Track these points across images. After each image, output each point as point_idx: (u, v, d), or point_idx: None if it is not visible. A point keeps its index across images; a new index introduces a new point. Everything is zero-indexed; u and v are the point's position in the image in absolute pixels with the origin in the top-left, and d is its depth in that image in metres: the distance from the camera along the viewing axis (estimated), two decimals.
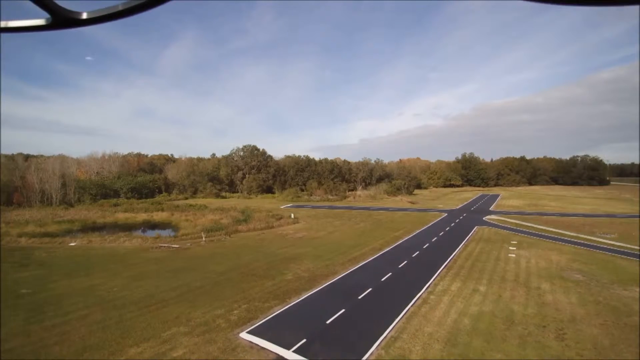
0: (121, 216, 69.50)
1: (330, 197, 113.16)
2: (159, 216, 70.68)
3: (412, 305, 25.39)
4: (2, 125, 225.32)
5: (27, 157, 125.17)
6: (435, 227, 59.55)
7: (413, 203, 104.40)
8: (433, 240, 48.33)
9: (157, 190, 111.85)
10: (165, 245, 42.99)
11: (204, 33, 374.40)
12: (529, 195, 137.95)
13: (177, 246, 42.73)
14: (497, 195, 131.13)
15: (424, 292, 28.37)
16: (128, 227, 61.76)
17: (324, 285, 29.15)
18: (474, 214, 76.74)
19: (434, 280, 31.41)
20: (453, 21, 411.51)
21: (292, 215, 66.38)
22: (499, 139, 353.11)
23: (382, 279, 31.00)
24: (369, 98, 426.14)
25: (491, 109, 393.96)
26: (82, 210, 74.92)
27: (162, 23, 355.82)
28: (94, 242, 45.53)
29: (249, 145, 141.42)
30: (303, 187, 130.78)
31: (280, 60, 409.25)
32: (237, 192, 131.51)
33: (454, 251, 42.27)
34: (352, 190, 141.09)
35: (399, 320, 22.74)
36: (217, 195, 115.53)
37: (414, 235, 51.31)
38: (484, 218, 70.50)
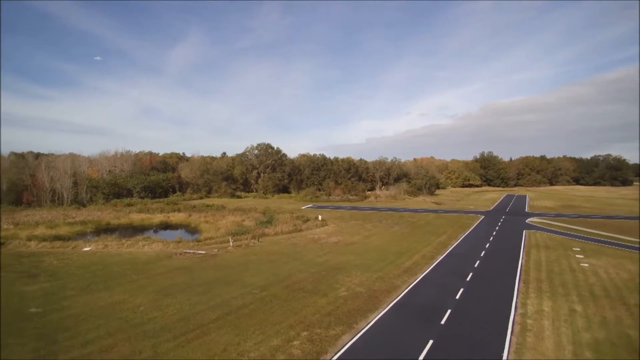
0: (136, 217, 65.08)
1: (350, 197, 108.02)
2: (176, 217, 66.16)
3: (512, 333, 20.31)
4: (11, 125, 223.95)
5: (37, 156, 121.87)
6: (479, 231, 54.20)
7: (438, 204, 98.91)
8: (486, 246, 43.10)
9: (170, 190, 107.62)
10: (190, 251, 38.27)
11: (209, 32, 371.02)
12: (556, 196, 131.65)
13: (203, 252, 38.01)
14: (524, 196, 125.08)
15: (515, 313, 23.30)
16: (144, 229, 57.42)
17: (390, 305, 24.14)
18: (512, 216, 71.16)
19: (517, 297, 26.34)
20: (458, 20, 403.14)
21: (320, 217, 61.45)
22: (505, 138, 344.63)
23: (457, 297, 25.94)
24: (374, 97, 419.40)
25: (498, 109, 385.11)
26: (95, 211, 70.69)
27: (168, 22, 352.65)
28: (110, 246, 41.00)
29: (263, 144, 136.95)
30: (319, 187, 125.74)
31: (283, 60, 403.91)
32: (252, 191, 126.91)
33: (518, 260, 37.09)
34: (371, 190, 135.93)
35: (507, 356, 17.68)
36: (232, 195, 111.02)
37: (461, 241, 46.08)
38: (527, 221, 64.96)
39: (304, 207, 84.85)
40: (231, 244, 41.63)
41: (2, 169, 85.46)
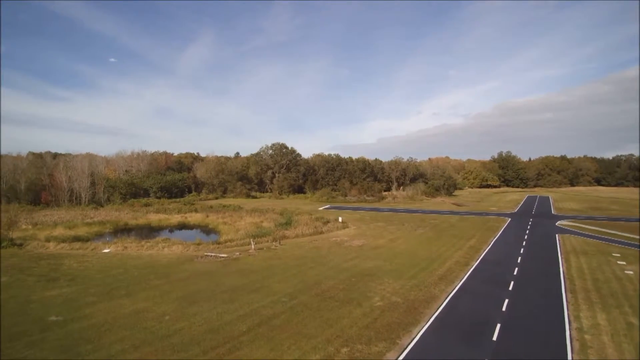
0: (154, 217, 64.28)
1: (367, 197, 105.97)
2: (193, 218, 65.16)
3: (572, 351, 18.29)
4: (29, 125, 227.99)
5: (55, 155, 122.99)
6: (509, 235, 51.66)
7: (459, 205, 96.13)
8: (521, 252, 40.75)
9: (186, 190, 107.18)
10: (212, 254, 36.93)
11: (221, 33, 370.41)
12: (580, 197, 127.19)
13: (225, 256, 36.62)
14: (547, 197, 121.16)
15: (570, 328, 21.22)
16: (162, 230, 56.54)
17: (432, 317, 22.23)
18: (540, 219, 68.21)
19: (568, 309, 24.19)
20: (471, 18, 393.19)
21: (340, 219, 59.69)
22: (520, 137, 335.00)
23: (503, 309, 23.91)
24: (386, 97, 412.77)
25: (512, 108, 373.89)
26: (113, 211, 70.23)
27: (180, 24, 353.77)
28: (130, 248, 39.99)
29: (278, 143, 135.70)
30: (334, 187, 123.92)
31: (295, 60, 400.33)
32: (267, 191, 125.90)
33: (558, 267, 34.82)
34: (386, 190, 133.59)
35: None
36: (248, 195, 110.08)
37: (493, 246, 43.75)
38: (556, 224, 62.07)
39: (321, 208, 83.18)
40: (253, 247, 40.16)
41: (21, 169, 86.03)
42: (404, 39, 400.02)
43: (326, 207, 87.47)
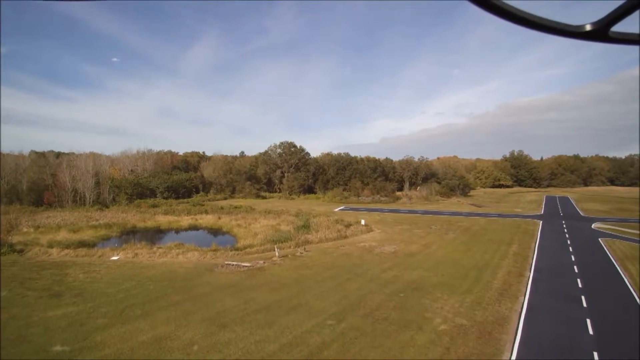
0: (163, 219, 60.57)
1: (381, 198, 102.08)
2: (204, 220, 61.39)
3: None
4: (31, 125, 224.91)
5: (58, 155, 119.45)
6: (549, 239, 47.63)
7: (478, 206, 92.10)
8: (573, 259, 36.82)
9: (193, 190, 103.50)
10: (233, 263, 33.15)
11: (225, 33, 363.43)
12: (599, 197, 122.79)
13: (248, 264, 32.84)
14: (567, 198, 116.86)
15: None
16: (173, 233, 52.88)
17: (515, 345, 18.40)
18: (572, 221, 64.11)
19: None
20: (477, 17, 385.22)
21: (363, 222, 55.86)
22: (525, 137, 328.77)
23: (590, 332, 20.09)
24: (390, 96, 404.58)
25: (517, 107, 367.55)
26: (119, 212, 66.56)
27: (185, 23, 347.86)
28: (141, 255, 36.27)
29: (286, 142, 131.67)
30: (345, 187, 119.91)
31: (300, 59, 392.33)
32: (276, 191, 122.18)
33: (620, 276, 31.24)
34: (398, 190, 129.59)
35: None
36: (257, 196, 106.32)
37: (538, 252, 39.79)
38: (592, 227, 58.05)
39: (336, 209, 79.35)
40: (277, 254, 36.38)
41: (23, 168, 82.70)
42: (409, 39, 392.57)
43: (341, 208, 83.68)
